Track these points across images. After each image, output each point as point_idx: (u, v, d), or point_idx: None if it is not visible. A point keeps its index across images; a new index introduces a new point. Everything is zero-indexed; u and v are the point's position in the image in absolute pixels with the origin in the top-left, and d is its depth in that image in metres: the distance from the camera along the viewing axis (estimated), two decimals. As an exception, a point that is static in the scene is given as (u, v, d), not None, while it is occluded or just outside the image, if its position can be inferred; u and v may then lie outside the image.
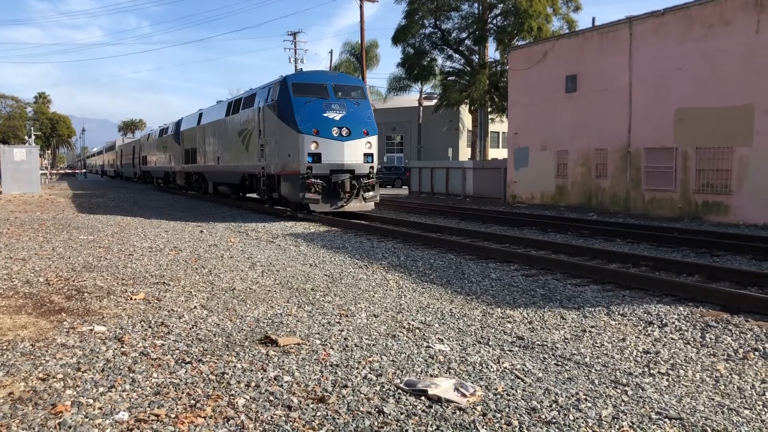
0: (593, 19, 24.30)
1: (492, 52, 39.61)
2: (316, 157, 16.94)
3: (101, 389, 4.46)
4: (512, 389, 4.56)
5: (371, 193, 17.73)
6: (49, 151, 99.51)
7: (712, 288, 7.68)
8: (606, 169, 21.33)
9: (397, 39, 39.42)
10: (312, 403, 4.25)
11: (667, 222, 17.10)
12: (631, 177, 20.36)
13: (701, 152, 17.99)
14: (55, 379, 4.62)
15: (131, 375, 4.75)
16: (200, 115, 28.29)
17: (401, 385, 4.57)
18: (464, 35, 39.48)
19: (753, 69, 16.55)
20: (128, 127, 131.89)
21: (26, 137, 67.14)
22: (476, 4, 38.09)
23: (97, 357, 5.17)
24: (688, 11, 18.40)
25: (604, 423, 4.00)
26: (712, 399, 4.48)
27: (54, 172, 67.31)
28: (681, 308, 6.98)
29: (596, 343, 5.86)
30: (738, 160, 17.04)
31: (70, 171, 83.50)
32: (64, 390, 4.43)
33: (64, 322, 6.26)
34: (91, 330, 5.97)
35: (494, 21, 38.24)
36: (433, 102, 47.89)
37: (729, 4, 17.23)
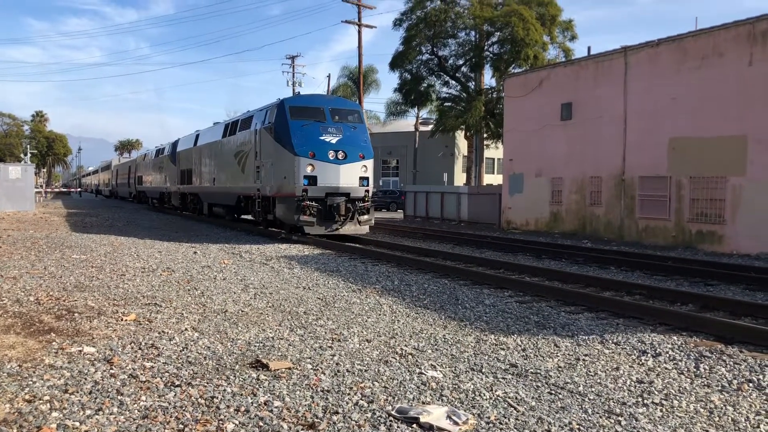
0: (589, 48, 24.59)
1: (488, 79, 40.00)
2: (312, 180, 16.96)
3: (88, 412, 4.39)
4: (505, 417, 4.51)
5: (366, 217, 17.74)
6: (45, 170, 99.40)
7: (706, 317, 7.66)
8: (600, 197, 21.40)
9: (394, 64, 39.76)
10: (302, 430, 4.19)
11: (661, 250, 17.11)
12: (625, 205, 20.42)
13: (695, 181, 18.08)
14: (41, 401, 4.55)
15: (119, 398, 4.68)
16: (197, 136, 28.35)
17: (393, 412, 4.51)
18: (461, 62, 39.84)
19: (746, 100, 16.71)
20: (125, 147, 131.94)
21: (22, 155, 67.11)
22: (473, 32, 38.49)
23: (86, 379, 5.10)
24: (682, 42, 18.62)
25: (598, 454, 3.95)
26: (707, 431, 4.44)
27: (49, 190, 67.21)
28: (675, 337, 6.95)
29: (590, 371, 5.82)
30: (732, 190, 17.12)
31: (65, 189, 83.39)
32: (51, 412, 4.36)
33: (53, 343, 6.19)
34: (80, 351, 5.90)
35: (491, 48, 38.65)
36: (430, 127, 48.13)
37: (722, 36, 17.45)
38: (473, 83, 39.94)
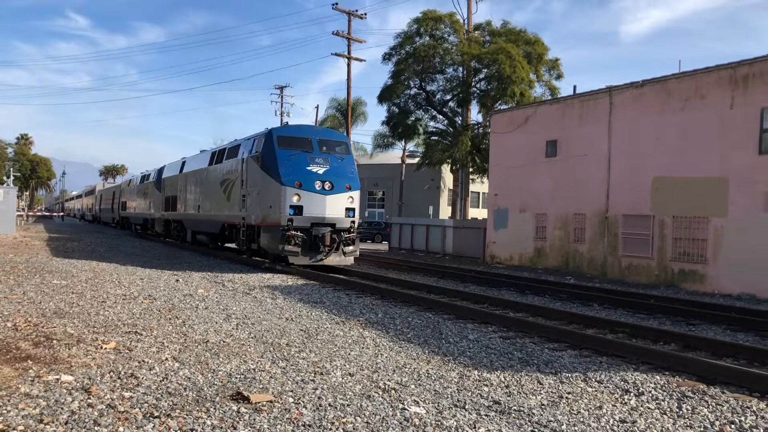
0: (574, 87, 25.02)
1: (475, 114, 40.38)
2: (298, 210, 16.96)
3: (63, 443, 4.29)
4: (488, 456, 4.47)
5: (351, 248, 17.71)
6: (27, 193, 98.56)
7: (689, 357, 7.68)
8: (584, 234, 21.55)
9: (382, 98, 40.11)
10: (282, 465, 4.12)
11: (644, 288, 17.20)
12: (608, 242, 20.57)
13: (678, 221, 18.28)
14: (15, 431, 4.45)
15: (96, 428, 4.58)
16: (183, 163, 28.32)
17: (375, 449, 4.46)
18: (448, 97, 40.26)
19: (728, 142, 17.01)
20: (110, 172, 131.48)
21: (5, 178, 66.57)
22: (461, 69, 39.00)
23: (62, 408, 4.99)
24: (665, 84, 18.99)
25: (581, 495, 3.91)
26: (689, 472, 4.42)
27: (30, 213, 66.51)
28: (658, 377, 6.96)
29: (573, 410, 5.79)
30: (713, 231, 17.32)
31: (47, 213, 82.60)
32: (25, 442, 4.26)
33: (30, 370, 6.07)
34: (58, 379, 5.79)
35: (478, 85, 39.13)
36: (416, 160, 48.42)
37: (704, 79, 17.83)
38: (460, 118, 40.34)
